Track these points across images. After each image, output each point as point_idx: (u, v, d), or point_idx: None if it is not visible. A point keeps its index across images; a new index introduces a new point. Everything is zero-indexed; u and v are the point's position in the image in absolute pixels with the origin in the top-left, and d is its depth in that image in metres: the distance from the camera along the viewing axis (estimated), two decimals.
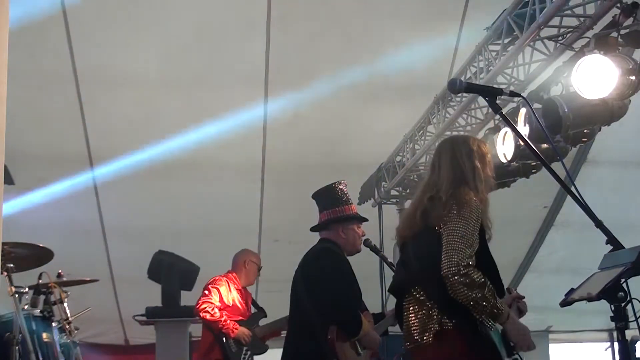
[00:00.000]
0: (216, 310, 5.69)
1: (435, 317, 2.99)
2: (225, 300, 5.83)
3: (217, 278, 5.94)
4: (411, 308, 3.11)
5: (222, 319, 5.67)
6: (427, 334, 2.99)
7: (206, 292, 5.81)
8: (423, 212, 3.14)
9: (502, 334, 3.00)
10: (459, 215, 2.95)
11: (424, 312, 3.03)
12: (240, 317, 5.90)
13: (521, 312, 3.28)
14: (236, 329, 5.72)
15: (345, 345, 4.15)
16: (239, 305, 5.96)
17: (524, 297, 3.37)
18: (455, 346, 2.94)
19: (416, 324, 3.06)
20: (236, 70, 6.87)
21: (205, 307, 5.68)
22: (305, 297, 4.26)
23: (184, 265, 6.91)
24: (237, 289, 6.02)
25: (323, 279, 4.19)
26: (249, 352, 5.81)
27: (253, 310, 6.13)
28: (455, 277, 2.82)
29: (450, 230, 2.92)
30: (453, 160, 3.17)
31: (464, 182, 3.09)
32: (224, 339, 5.73)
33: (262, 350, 5.97)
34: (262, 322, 6.05)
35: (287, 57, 6.81)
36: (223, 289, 5.85)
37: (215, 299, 5.75)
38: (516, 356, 3.03)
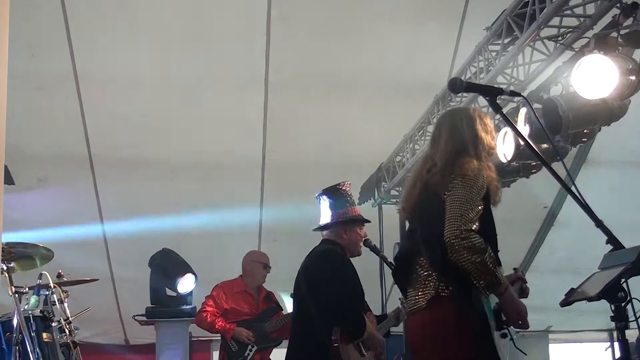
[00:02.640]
0: (209, 316, 5.98)
1: (433, 283, 3.04)
2: (221, 305, 6.07)
3: (214, 287, 6.23)
4: (414, 275, 3.15)
5: (216, 323, 5.96)
6: (422, 299, 3.05)
7: (203, 302, 6.17)
8: (423, 185, 3.18)
9: (495, 308, 3.01)
10: (462, 182, 2.98)
11: (424, 278, 3.08)
12: (247, 317, 6.00)
13: (523, 292, 3.28)
14: (232, 329, 5.93)
15: (349, 347, 4.15)
16: (241, 307, 6.08)
17: (526, 281, 3.42)
18: (448, 312, 2.98)
19: (415, 290, 3.12)
20: (236, 70, 6.87)
21: (199, 317, 6.09)
22: (308, 299, 4.25)
23: (171, 267, 6.91)
24: (236, 292, 6.16)
25: (326, 281, 4.19)
26: (254, 349, 5.93)
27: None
28: (457, 240, 2.85)
29: (453, 197, 2.96)
30: (452, 130, 3.21)
31: (463, 151, 3.12)
32: (225, 341, 5.99)
33: (273, 344, 6.11)
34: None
35: (287, 57, 6.81)
36: (216, 296, 6.11)
37: (209, 306, 6.05)
38: (505, 331, 3.03)
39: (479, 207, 2.96)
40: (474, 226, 2.90)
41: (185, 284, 6.83)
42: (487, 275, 2.88)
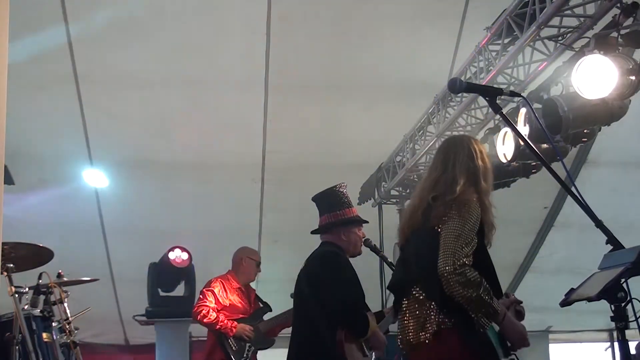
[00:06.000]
0: (211, 312, 5.80)
1: (433, 316, 2.99)
2: (221, 301, 5.91)
3: (211, 280, 6.04)
4: (410, 308, 3.11)
5: (219, 319, 5.78)
6: (425, 333, 3.00)
7: (201, 296, 5.94)
8: (425, 210, 3.14)
9: (499, 334, 3.00)
10: (458, 215, 2.96)
11: (422, 311, 3.04)
12: (241, 316, 5.95)
13: (519, 314, 3.24)
14: (234, 327, 5.81)
15: (353, 347, 4.15)
16: (238, 304, 6.01)
17: (521, 302, 3.34)
18: (453, 345, 2.95)
19: (414, 323, 3.07)
20: (236, 70, 6.87)
21: (200, 311, 5.81)
22: (311, 301, 4.24)
23: (165, 271, 6.95)
24: (234, 288, 6.07)
25: (328, 282, 4.18)
26: (252, 348, 5.87)
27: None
28: (451, 276, 2.83)
29: (448, 229, 2.94)
30: (466, 161, 3.16)
31: (475, 183, 3.11)
32: (225, 339, 5.83)
33: (267, 344, 6.04)
34: (267, 316, 6.13)
35: (287, 57, 6.81)
36: (217, 291, 5.94)
37: (209, 301, 5.85)
38: (513, 356, 3.02)
39: (474, 241, 2.94)
40: (468, 260, 2.88)
41: (177, 256, 6.80)
42: (484, 308, 2.88)
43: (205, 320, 5.80)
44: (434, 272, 2.89)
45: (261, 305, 6.18)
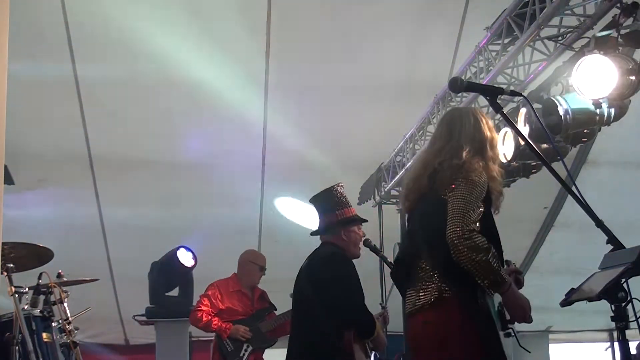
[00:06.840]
0: (204, 315, 5.94)
1: (435, 284, 3.02)
2: (216, 304, 6.03)
3: (209, 285, 6.20)
4: (415, 277, 3.14)
5: (212, 322, 5.92)
6: (425, 300, 3.04)
7: (197, 301, 6.16)
8: (431, 175, 3.16)
9: (499, 309, 3.01)
10: (465, 182, 2.99)
11: (425, 279, 3.07)
12: (241, 317, 5.99)
13: (518, 282, 3.25)
14: (228, 328, 5.93)
15: (357, 348, 4.16)
16: (236, 307, 6.08)
17: (522, 272, 3.37)
18: (451, 313, 2.97)
19: (416, 291, 3.10)
20: (236, 70, 6.87)
21: (195, 315, 6.02)
22: (315, 302, 4.22)
23: (170, 270, 6.95)
24: (233, 291, 6.14)
25: (334, 283, 4.17)
26: (249, 348, 5.90)
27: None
28: (460, 240, 2.85)
29: (455, 196, 2.96)
30: (476, 130, 3.20)
31: (482, 152, 3.14)
32: (221, 340, 5.94)
33: (268, 344, 6.10)
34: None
35: (287, 57, 6.81)
36: (212, 295, 6.07)
37: (205, 305, 6.01)
38: (509, 330, 3.03)
39: (480, 209, 2.97)
40: (476, 226, 2.90)
41: (185, 256, 6.84)
42: (491, 274, 2.88)
43: (199, 324, 5.99)
44: (441, 240, 2.91)
45: (267, 305, 6.21)
